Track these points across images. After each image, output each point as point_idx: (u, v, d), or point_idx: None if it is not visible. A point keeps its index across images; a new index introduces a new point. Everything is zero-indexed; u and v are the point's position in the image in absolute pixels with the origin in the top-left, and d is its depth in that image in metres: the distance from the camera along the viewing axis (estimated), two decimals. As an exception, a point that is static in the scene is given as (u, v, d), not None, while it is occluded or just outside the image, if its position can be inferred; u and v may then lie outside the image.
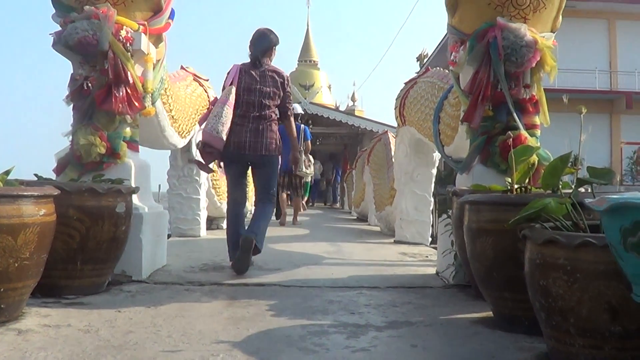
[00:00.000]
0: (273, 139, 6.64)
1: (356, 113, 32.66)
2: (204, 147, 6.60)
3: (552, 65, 5.30)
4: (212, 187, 10.86)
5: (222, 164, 7.22)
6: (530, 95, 5.33)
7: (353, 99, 38.99)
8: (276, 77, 6.78)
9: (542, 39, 5.20)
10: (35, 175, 4.90)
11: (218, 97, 6.98)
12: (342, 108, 36.19)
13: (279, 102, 6.81)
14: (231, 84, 6.64)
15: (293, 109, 7.26)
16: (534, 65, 5.20)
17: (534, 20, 5.30)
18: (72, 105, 5.55)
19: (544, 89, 5.48)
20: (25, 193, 3.71)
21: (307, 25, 41.68)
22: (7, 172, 4.00)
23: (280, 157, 6.90)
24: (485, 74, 5.24)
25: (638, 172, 28.46)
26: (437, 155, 9.44)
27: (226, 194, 8.46)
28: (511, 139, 4.81)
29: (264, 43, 6.84)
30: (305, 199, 18.06)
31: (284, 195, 14.35)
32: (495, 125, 5.28)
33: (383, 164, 13.77)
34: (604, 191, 3.79)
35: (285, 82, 6.87)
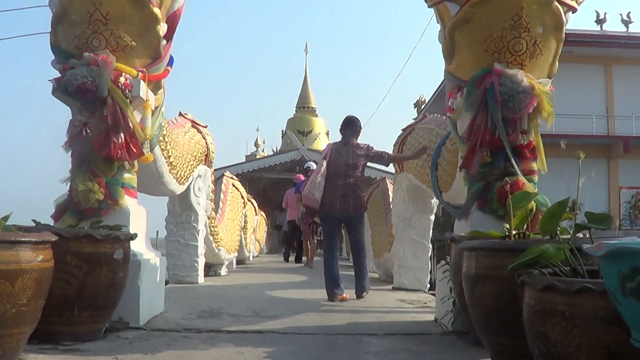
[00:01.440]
0: (358, 201, 8.52)
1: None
2: (306, 209, 9.05)
3: (549, 111, 5.33)
4: (210, 233, 10.84)
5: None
6: (527, 141, 5.35)
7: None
8: (358, 150, 8.58)
9: (539, 85, 5.23)
10: (34, 221, 4.89)
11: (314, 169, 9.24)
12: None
13: (360, 170, 8.58)
14: (324, 158, 8.65)
15: (382, 153, 8.90)
16: (531, 111, 5.23)
17: (531, 66, 5.34)
18: (70, 152, 5.57)
19: (541, 135, 5.51)
20: (23, 239, 3.70)
21: (305, 73, 41.96)
22: (6, 218, 3.99)
23: (361, 210, 8.67)
24: (483, 120, 5.26)
25: (636, 216, 28.45)
26: (435, 202, 9.46)
27: (223, 241, 8.47)
28: (509, 185, 4.83)
29: (351, 127, 8.74)
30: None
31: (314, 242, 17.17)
32: (493, 172, 5.29)
33: (381, 210, 13.77)
34: (603, 236, 3.79)
35: (365, 148, 8.64)
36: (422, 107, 38.99)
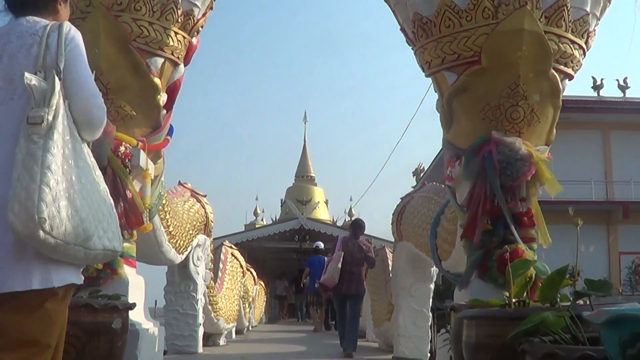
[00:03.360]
0: (360, 285, 11.53)
1: (353, 228, 32.72)
2: (320, 286, 11.92)
3: (548, 178, 5.35)
4: (209, 303, 10.76)
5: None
6: (526, 208, 5.37)
7: (350, 214, 38.93)
8: (363, 246, 11.33)
9: (536, 153, 5.27)
10: (33, 290, 4.86)
11: (333, 256, 11.44)
12: (339, 223, 36.22)
13: (363, 260, 11.37)
14: (340, 250, 11.22)
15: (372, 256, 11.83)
16: (529, 178, 5.25)
17: (529, 134, 5.39)
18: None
19: (541, 201, 5.52)
20: (22, 309, 3.68)
21: (304, 141, 42.16)
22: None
23: (362, 292, 11.97)
24: (483, 188, 5.28)
25: (637, 281, 28.29)
26: (434, 270, 9.42)
27: (222, 310, 8.42)
28: (508, 253, 4.83)
29: (360, 228, 11.85)
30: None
31: (317, 311, 19.80)
32: (492, 239, 5.29)
33: (381, 279, 13.68)
34: (603, 303, 3.77)
35: (366, 248, 11.39)
36: (421, 175, 39.09)
